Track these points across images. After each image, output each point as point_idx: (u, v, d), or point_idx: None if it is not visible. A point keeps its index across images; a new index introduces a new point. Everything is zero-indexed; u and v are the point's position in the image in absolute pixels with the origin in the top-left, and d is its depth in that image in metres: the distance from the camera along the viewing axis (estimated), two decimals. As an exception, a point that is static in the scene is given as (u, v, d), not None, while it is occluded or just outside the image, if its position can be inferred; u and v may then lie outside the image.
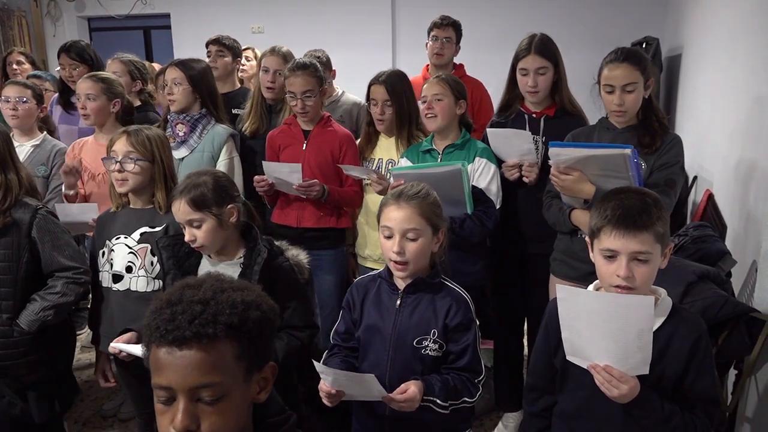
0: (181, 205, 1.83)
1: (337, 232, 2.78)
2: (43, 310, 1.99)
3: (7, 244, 1.98)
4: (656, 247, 1.40)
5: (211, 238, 1.85)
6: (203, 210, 1.82)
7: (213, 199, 1.83)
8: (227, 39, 3.62)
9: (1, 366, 1.98)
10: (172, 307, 0.93)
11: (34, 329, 1.98)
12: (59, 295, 2.02)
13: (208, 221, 1.83)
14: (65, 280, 2.03)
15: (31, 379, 2.04)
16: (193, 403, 0.91)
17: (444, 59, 3.45)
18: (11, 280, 1.99)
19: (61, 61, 3.40)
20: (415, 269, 1.70)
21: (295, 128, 2.77)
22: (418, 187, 1.74)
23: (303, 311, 1.90)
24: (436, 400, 1.61)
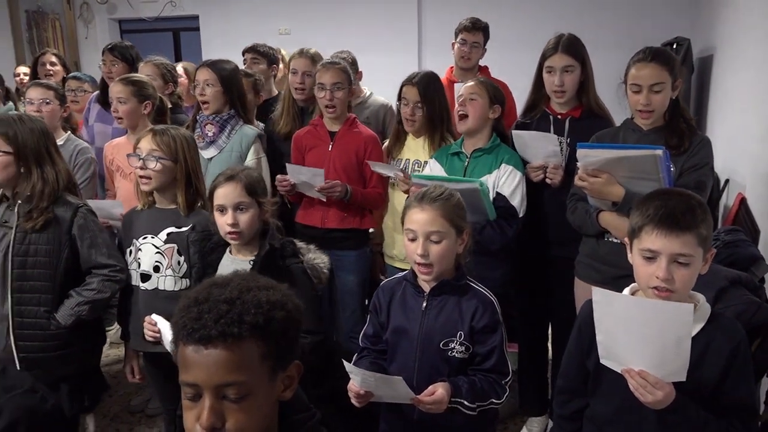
0: (236, 187, 1.89)
1: (361, 233, 2.79)
2: (78, 305, 2.04)
3: (49, 240, 2.03)
4: (698, 250, 1.36)
5: (250, 226, 1.90)
6: (253, 196, 1.90)
7: (262, 189, 1.94)
8: (262, 46, 3.67)
9: (37, 358, 2.03)
10: (199, 305, 0.94)
11: (70, 324, 2.03)
12: (95, 291, 2.06)
13: (254, 208, 1.90)
14: (102, 277, 2.08)
15: (63, 373, 2.08)
16: (219, 400, 0.92)
17: (471, 63, 3.44)
18: (50, 275, 2.04)
19: (104, 57, 3.49)
20: (440, 271, 1.70)
21: (321, 129, 2.78)
22: (440, 189, 1.74)
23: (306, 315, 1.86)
24: (464, 401, 1.61)
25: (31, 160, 2.03)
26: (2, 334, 2.03)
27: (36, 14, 7.68)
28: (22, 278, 2.02)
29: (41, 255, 2.03)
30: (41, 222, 2.00)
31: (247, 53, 3.69)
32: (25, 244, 2.01)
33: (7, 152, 1.99)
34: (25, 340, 2.03)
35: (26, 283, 2.02)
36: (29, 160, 2.03)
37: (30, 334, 2.03)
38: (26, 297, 2.02)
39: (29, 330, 2.03)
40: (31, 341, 2.03)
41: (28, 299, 2.02)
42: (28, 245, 2.02)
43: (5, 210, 2.08)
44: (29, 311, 2.02)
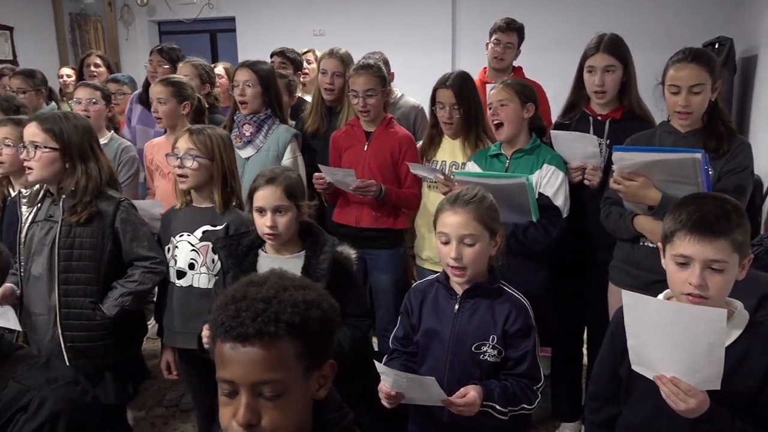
0: (276, 190, 1.90)
1: (395, 233, 2.79)
2: (122, 296, 2.10)
3: (93, 233, 2.08)
4: (733, 256, 1.33)
5: (288, 228, 1.92)
6: (292, 199, 1.91)
7: (301, 192, 1.95)
8: (290, 52, 3.73)
9: (83, 347, 2.10)
10: (237, 303, 0.95)
11: (114, 314, 2.08)
12: (137, 283, 2.12)
13: (292, 211, 1.91)
14: (143, 269, 2.13)
15: (107, 362, 2.15)
16: (255, 397, 0.93)
17: (504, 63, 3.41)
18: (95, 267, 2.10)
19: (152, 58, 3.58)
20: (474, 274, 1.69)
21: (358, 129, 2.79)
22: (473, 191, 1.73)
23: (361, 301, 2.02)
24: (496, 405, 1.60)
25: (76, 157, 2.09)
26: (49, 324, 2.10)
27: (79, 16, 7.89)
28: (68, 270, 2.08)
29: (86, 248, 2.08)
30: (85, 216, 2.06)
31: (275, 56, 3.75)
32: (70, 237, 2.07)
33: (53, 149, 2.06)
34: (71, 330, 2.09)
35: (72, 275, 2.08)
36: (74, 156, 2.08)
37: (76, 325, 2.09)
38: (72, 288, 2.08)
39: (76, 320, 2.09)
40: (78, 331, 2.09)
41: (74, 291, 2.08)
42: (73, 238, 2.07)
43: (50, 205, 2.14)
44: (75, 302, 2.09)
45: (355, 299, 1.97)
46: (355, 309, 1.95)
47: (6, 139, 2.40)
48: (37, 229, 2.14)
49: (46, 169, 2.06)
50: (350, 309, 1.91)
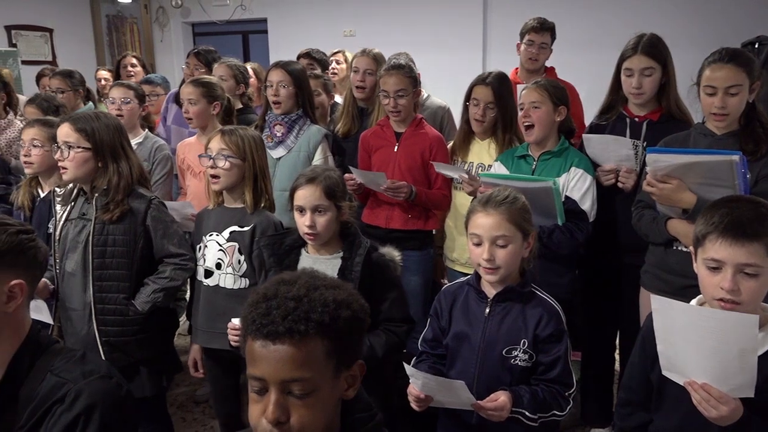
0: (315, 190, 1.89)
1: (425, 234, 2.78)
2: (154, 292, 2.13)
3: (125, 231, 2.12)
4: None
5: (328, 228, 1.91)
6: (332, 199, 1.90)
7: (341, 192, 1.93)
8: (317, 52, 3.76)
9: (118, 342, 2.14)
10: (268, 301, 0.96)
11: (146, 310, 2.13)
12: (168, 279, 2.16)
13: (332, 211, 1.90)
14: (173, 266, 2.17)
15: (141, 356, 2.19)
16: (284, 395, 0.94)
17: (538, 64, 3.37)
18: (128, 264, 2.14)
19: (188, 60, 3.64)
20: (506, 275, 1.68)
21: (388, 130, 2.79)
22: (505, 192, 1.71)
23: (400, 305, 1.95)
24: (525, 412, 1.58)
25: (108, 155, 2.12)
26: (85, 320, 2.14)
27: (116, 18, 8.06)
28: (102, 267, 2.12)
29: (119, 245, 2.12)
30: (117, 213, 2.10)
31: (303, 58, 3.78)
32: (103, 235, 2.11)
33: (86, 148, 2.10)
34: (106, 326, 2.13)
35: (106, 272, 2.12)
36: (106, 155, 2.12)
37: (111, 320, 2.13)
38: (106, 285, 2.12)
39: (110, 316, 2.13)
40: (112, 326, 2.13)
41: (108, 287, 2.13)
42: (107, 236, 2.11)
43: (83, 203, 2.19)
44: (109, 298, 2.13)
45: (394, 303, 1.94)
46: (392, 313, 1.92)
47: (34, 140, 2.45)
48: (71, 226, 2.19)
49: (79, 168, 2.10)
50: (387, 313, 1.91)
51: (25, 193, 2.52)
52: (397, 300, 1.94)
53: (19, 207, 2.53)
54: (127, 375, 2.16)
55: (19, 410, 1.21)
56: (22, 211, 2.54)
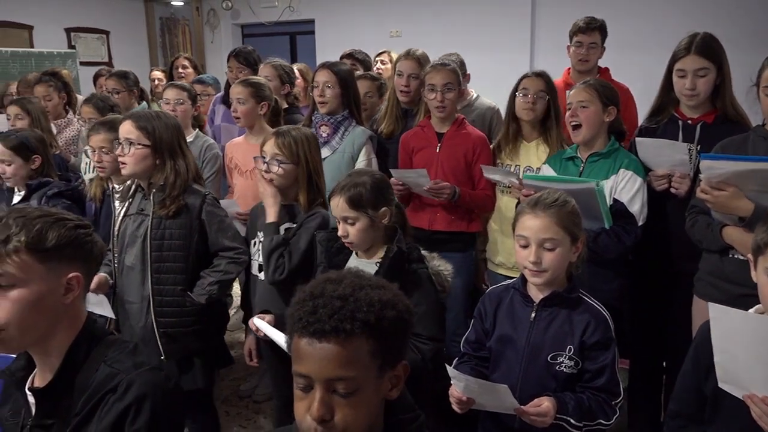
0: (339, 202, 1.90)
1: (467, 236, 2.76)
2: (210, 285, 2.20)
3: (182, 225, 2.19)
4: None
5: (362, 237, 1.91)
6: (359, 209, 1.88)
7: (369, 200, 1.89)
8: (359, 53, 3.77)
9: (175, 333, 2.21)
10: (314, 300, 0.97)
11: (202, 302, 2.19)
12: (222, 272, 2.22)
13: (362, 220, 1.89)
14: (228, 260, 2.23)
15: (196, 347, 2.26)
16: (329, 394, 0.95)
17: (588, 65, 3.29)
18: (184, 257, 2.21)
19: (230, 64, 3.71)
20: (553, 278, 1.65)
21: (429, 130, 2.78)
22: (555, 194, 1.68)
23: (429, 322, 1.84)
24: (570, 419, 1.55)
25: (166, 153, 2.19)
26: (143, 312, 2.21)
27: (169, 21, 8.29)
28: (160, 260, 2.19)
29: (175, 239, 2.19)
30: (174, 209, 2.17)
31: (345, 59, 3.79)
32: (160, 229, 2.18)
33: (146, 145, 2.17)
34: (164, 317, 2.20)
35: (163, 265, 2.19)
36: (164, 153, 2.19)
37: (168, 311, 2.20)
38: (164, 277, 2.19)
39: (168, 307, 2.20)
40: (170, 317, 2.20)
41: (166, 279, 2.20)
42: (164, 230, 2.18)
43: (141, 199, 2.26)
44: (167, 290, 2.20)
45: (422, 318, 1.81)
46: (419, 328, 1.80)
47: (103, 148, 2.53)
48: (130, 222, 2.26)
49: (138, 164, 2.17)
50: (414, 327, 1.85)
51: (98, 186, 2.65)
52: (426, 315, 1.82)
53: (91, 198, 2.67)
54: (181, 367, 2.23)
55: (75, 397, 1.26)
56: (93, 202, 2.67)
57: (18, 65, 6.18)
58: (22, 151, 2.67)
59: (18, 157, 2.66)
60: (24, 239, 1.21)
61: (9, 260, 1.20)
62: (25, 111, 3.31)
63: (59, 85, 3.92)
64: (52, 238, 1.24)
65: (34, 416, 1.29)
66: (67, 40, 7.38)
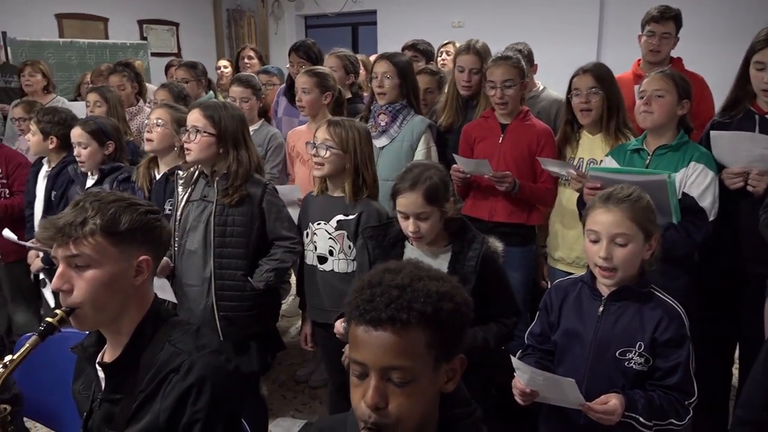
0: (416, 198, 1.85)
1: (527, 229, 2.71)
2: (267, 272, 2.27)
3: (244, 213, 2.26)
4: None
5: (432, 230, 1.90)
6: (434, 204, 1.86)
7: (443, 195, 1.88)
8: (422, 43, 3.74)
9: (234, 316, 2.28)
10: (372, 288, 0.97)
11: (261, 287, 2.26)
12: (279, 261, 2.28)
13: (435, 215, 1.88)
14: (284, 249, 2.29)
15: (252, 331, 2.33)
16: (384, 382, 0.95)
17: (660, 56, 3.14)
18: (245, 243, 2.27)
19: (291, 59, 3.77)
20: (623, 277, 1.60)
21: (492, 121, 2.74)
22: (629, 189, 1.62)
23: (509, 297, 1.97)
24: (639, 417, 1.50)
25: (230, 143, 2.26)
26: (203, 295, 2.29)
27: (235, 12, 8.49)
28: (222, 246, 2.26)
29: (237, 225, 2.26)
30: (236, 198, 2.24)
31: (407, 50, 3.76)
32: (223, 216, 2.26)
33: (211, 134, 2.24)
34: (224, 300, 2.27)
35: (225, 250, 2.26)
36: (228, 142, 2.25)
37: (228, 295, 2.27)
38: (225, 262, 2.26)
39: (228, 291, 2.27)
40: (229, 301, 2.28)
41: (227, 264, 2.27)
42: (226, 217, 2.25)
43: (205, 186, 2.33)
44: (228, 275, 2.27)
45: (505, 296, 1.95)
46: (501, 307, 1.92)
47: (159, 119, 2.61)
48: (192, 207, 2.34)
49: (203, 151, 2.24)
50: (500, 306, 1.91)
51: (144, 173, 2.70)
52: (506, 293, 1.95)
53: (140, 187, 2.71)
54: (237, 350, 2.29)
55: (141, 375, 1.31)
56: (141, 191, 2.73)
57: (94, 56, 6.46)
58: (99, 137, 2.78)
59: (94, 141, 2.78)
60: (99, 222, 1.26)
61: (85, 242, 1.25)
62: (103, 98, 3.45)
63: (131, 75, 4.08)
64: (125, 222, 1.29)
65: (104, 390, 1.35)
66: (139, 31, 7.67)
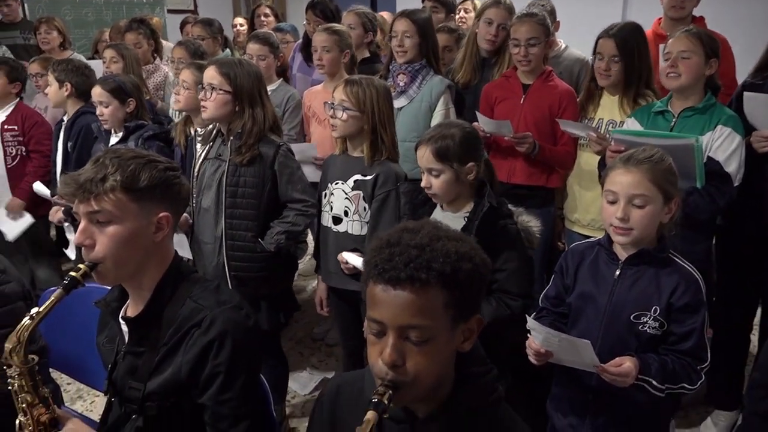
0: (425, 153, 1.88)
1: (546, 192, 2.69)
2: (278, 234, 2.26)
3: (255, 174, 2.25)
4: None
5: (445, 189, 1.89)
6: (444, 162, 1.86)
7: (456, 154, 1.85)
8: None
9: (244, 276, 2.30)
10: (391, 248, 0.97)
11: (271, 249, 2.26)
12: (291, 224, 2.28)
13: (446, 173, 1.87)
14: (296, 211, 2.28)
15: (263, 291, 2.34)
16: (402, 340, 0.96)
17: (683, 12, 3.02)
18: (256, 205, 2.27)
19: (307, 16, 3.70)
20: (640, 238, 1.58)
21: (514, 81, 2.69)
22: (651, 150, 1.59)
23: (519, 278, 1.85)
24: (653, 381, 1.51)
25: (245, 101, 2.23)
26: (215, 252, 2.31)
27: (250, -32, 8.29)
28: (233, 206, 2.26)
29: (249, 186, 2.25)
30: (248, 157, 2.22)
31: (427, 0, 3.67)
32: (235, 176, 2.25)
33: (227, 91, 2.21)
34: (234, 260, 2.29)
35: (236, 210, 2.26)
36: (244, 100, 2.23)
37: (239, 255, 2.28)
38: (236, 222, 2.27)
39: (239, 251, 2.28)
40: (240, 261, 2.29)
41: (238, 224, 2.27)
42: (238, 177, 2.25)
43: (220, 144, 2.33)
44: (239, 235, 2.27)
45: (512, 275, 1.83)
46: (508, 285, 1.83)
47: (184, 82, 2.64)
48: (208, 165, 2.34)
49: (218, 109, 2.23)
50: (503, 283, 1.83)
51: (181, 132, 2.75)
52: (516, 272, 1.83)
53: (177, 144, 2.78)
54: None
55: (163, 329, 1.34)
56: (179, 147, 2.78)
57: (110, 12, 6.42)
58: (119, 94, 2.79)
59: (115, 99, 2.78)
60: (119, 178, 1.27)
61: (106, 198, 1.27)
62: (120, 55, 3.45)
63: (148, 32, 4.04)
64: (144, 178, 1.30)
65: (127, 343, 1.38)
66: (154, -13, 7.56)
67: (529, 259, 1.93)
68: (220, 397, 1.30)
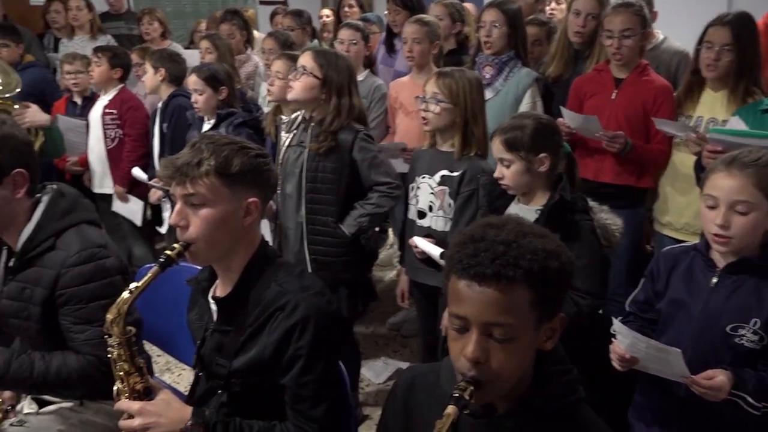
0: (496, 143, 1.90)
1: (636, 192, 2.57)
2: (360, 216, 2.30)
3: (333, 161, 2.29)
4: None
5: (516, 180, 1.88)
6: (513, 152, 1.85)
7: (527, 144, 1.84)
8: None
9: (325, 261, 2.35)
10: (476, 243, 0.96)
11: (353, 232, 2.30)
12: (374, 206, 2.30)
13: (517, 163, 1.86)
14: (380, 193, 2.31)
15: (343, 277, 2.38)
16: (485, 337, 0.95)
17: None
18: (335, 190, 2.31)
19: (389, 6, 3.71)
20: (740, 247, 1.49)
21: (606, 75, 2.59)
22: (757, 153, 1.49)
23: (590, 276, 1.77)
24: (747, 397, 1.42)
25: (333, 91, 2.27)
26: (297, 238, 2.38)
27: (340, -41, 8.38)
28: (313, 192, 2.32)
29: (328, 172, 2.30)
30: (325, 147, 2.26)
31: None
32: (315, 162, 2.30)
33: (316, 77, 2.26)
34: (315, 245, 2.34)
35: (316, 196, 2.32)
36: (332, 89, 2.27)
37: (320, 240, 2.34)
38: (317, 208, 2.32)
39: (319, 236, 2.34)
40: (320, 246, 2.34)
41: (318, 210, 2.32)
42: (317, 163, 2.30)
43: (302, 132, 2.38)
44: (319, 220, 2.33)
45: (581, 271, 1.68)
46: (578, 282, 1.73)
47: (278, 73, 2.72)
48: (291, 152, 2.40)
49: (304, 92, 2.27)
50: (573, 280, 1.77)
51: (271, 122, 2.84)
52: (586, 269, 1.73)
53: (268, 133, 2.88)
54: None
55: (249, 310, 1.39)
56: (269, 136, 2.88)
57: (207, 4, 6.70)
58: (213, 83, 2.91)
59: (209, 87, 2.90)
60: (214, 163, 1.32)
61: (201, 182, 1.32)
62: (214, 46, 3.59)
63: (241, 23, 4.18)
64: (236, 164, 1.35)
65: (215, 322, 1.45)
66: (249, -21, 7.79)
67: (605, 258, 1.86)
68: (300, 380, 1.34)
